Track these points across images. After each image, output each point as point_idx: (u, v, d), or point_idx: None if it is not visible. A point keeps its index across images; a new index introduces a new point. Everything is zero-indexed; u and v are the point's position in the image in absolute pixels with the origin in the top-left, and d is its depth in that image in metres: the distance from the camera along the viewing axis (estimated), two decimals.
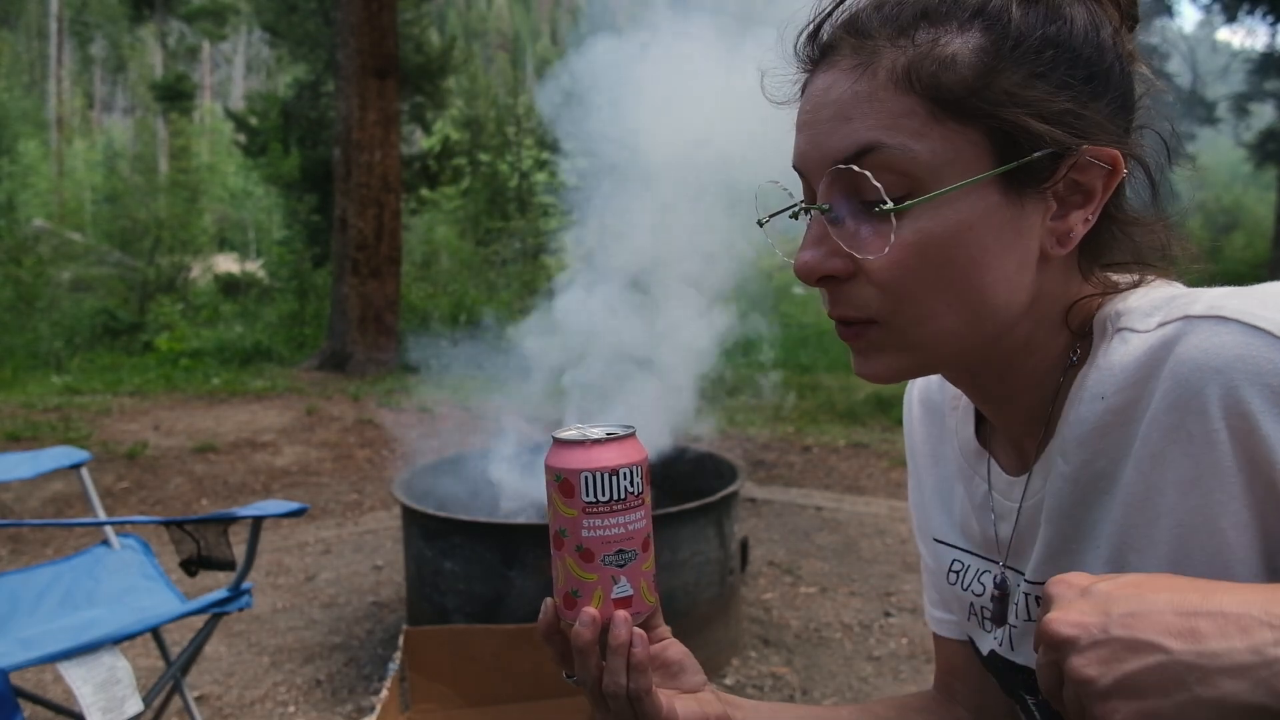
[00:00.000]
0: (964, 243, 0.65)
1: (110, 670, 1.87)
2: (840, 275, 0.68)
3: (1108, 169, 0.66)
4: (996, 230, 0.65)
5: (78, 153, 34.54)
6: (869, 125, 0.65)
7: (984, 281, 0.66)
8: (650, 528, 0.74)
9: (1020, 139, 0.64)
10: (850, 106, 0.66)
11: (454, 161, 18.53)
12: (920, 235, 0.65)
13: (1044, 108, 0.64)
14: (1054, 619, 0.53)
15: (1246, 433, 0.59)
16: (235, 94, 47.35)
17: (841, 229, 0.67)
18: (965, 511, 0.86)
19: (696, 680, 0.79)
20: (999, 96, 0.64)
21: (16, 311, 11.40)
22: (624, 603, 0.72)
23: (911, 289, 0.66)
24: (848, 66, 0.67)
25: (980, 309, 0.67)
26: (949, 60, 0.64)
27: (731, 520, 3.03)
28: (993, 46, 0.64)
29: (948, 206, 0.65)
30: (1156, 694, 0.48)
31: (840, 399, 7.80)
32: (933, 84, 0.64)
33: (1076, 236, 0.68)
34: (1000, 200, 0.65)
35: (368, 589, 3.81)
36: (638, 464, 0.72)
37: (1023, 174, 0.65)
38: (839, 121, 0.66)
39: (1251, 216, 23.01)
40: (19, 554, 4.26)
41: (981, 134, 0.64)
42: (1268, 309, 0.60)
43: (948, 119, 0.64)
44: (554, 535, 0.73)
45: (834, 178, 0.67)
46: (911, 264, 0.65)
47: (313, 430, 6.62)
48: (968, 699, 0.95)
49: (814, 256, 0.68)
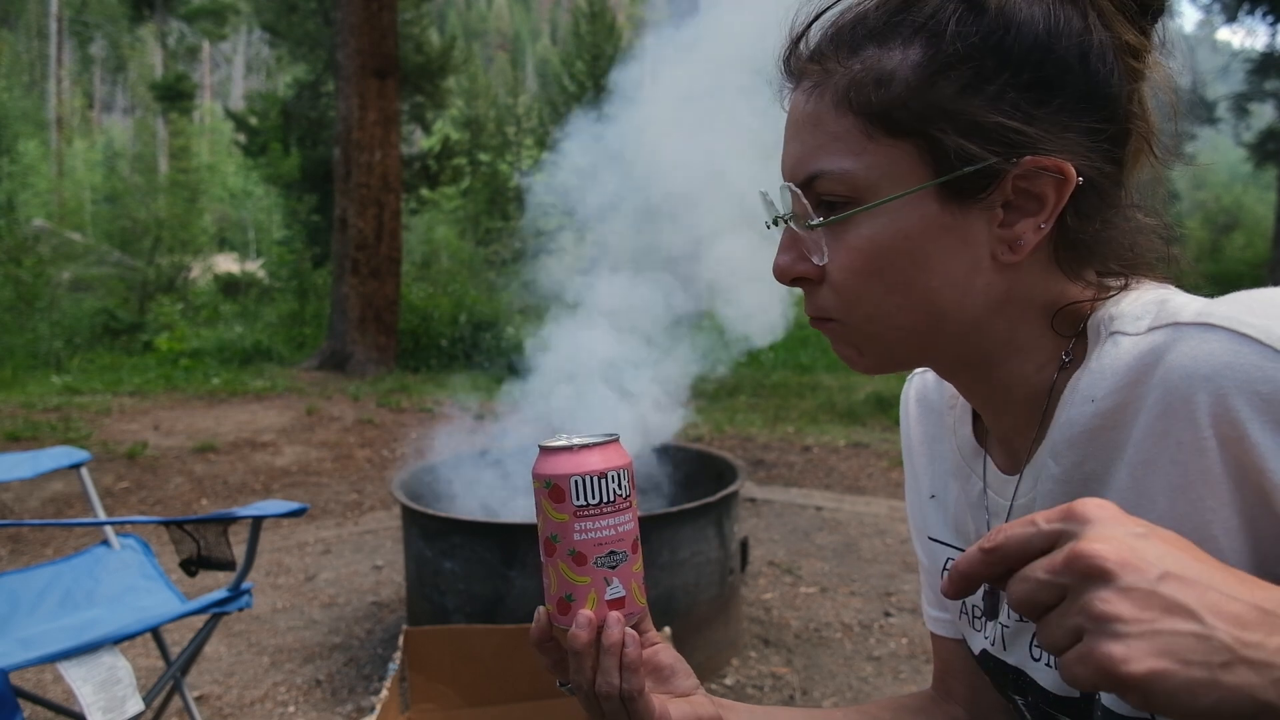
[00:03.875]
0: (902, 250, 0.69)
1: (110, 670, 1.87)
2: (811, 278, 0.74)
3: (1059, 177, 0.66)
4: (935, 237, 0.69)
5: (78, 153, 34.55)
6: (813, 149, 0.71)
7: (929, 285, 0.70)
8: (638, 531, 0.76)
9: (951, 153, 0.66)
10: (803, 129, 0.72)
11: (454, 161, 18.55)
12: (862, 242, 0.70)
13: (979, 119, 0.66)
14: (1097, 547, 0.49)
15: (1235, 440, 0.59)
16: (235, 94, 47.38)
17: (804, 237, 0.73)
18: (960, 509, 0.86)
19: (688, 684, 0.80)
20: (929, 112, 0.66)
21: (16, 311, 11.40)
22: (617, 604, 0.74)
23: (858, 291, 0.72)
24: (808, 88, 0.72)
25: (930, 310, 0.71)
26: (886, 77, 0.67)
27: (731, 520, 3.03)
28: (928, 61, 0.66)
29: (885, 217, 0.69)
30: (1179, 661, 0.47)
31: (840, 399, 7.81)
32: (866, 103, 0.67)
33: (1028, 243, 0.68)
34: (938, 210, 0.68)
35: (368, 589, 3.81)
36: (623, 468, 0.75)
37: (960, 185, 0.67)
38: (796, 143, 0.73)
39: (1251, 216, 23.02)
40: (19, 554, 4.26)
41: (915, 148, 0.67)
42: (1256, 316, 0.60)
43: (881, 136, 0.68)
44: (545, 542, 0.75)
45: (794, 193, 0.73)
46: (856, 268, 0.71)
47: (313, 430, 6.62)
48: (964, 697, 0.96)
49: (785, 260, 0.75)
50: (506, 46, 66.62)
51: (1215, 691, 0.47)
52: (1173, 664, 0.47)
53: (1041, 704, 0.78)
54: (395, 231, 9.50)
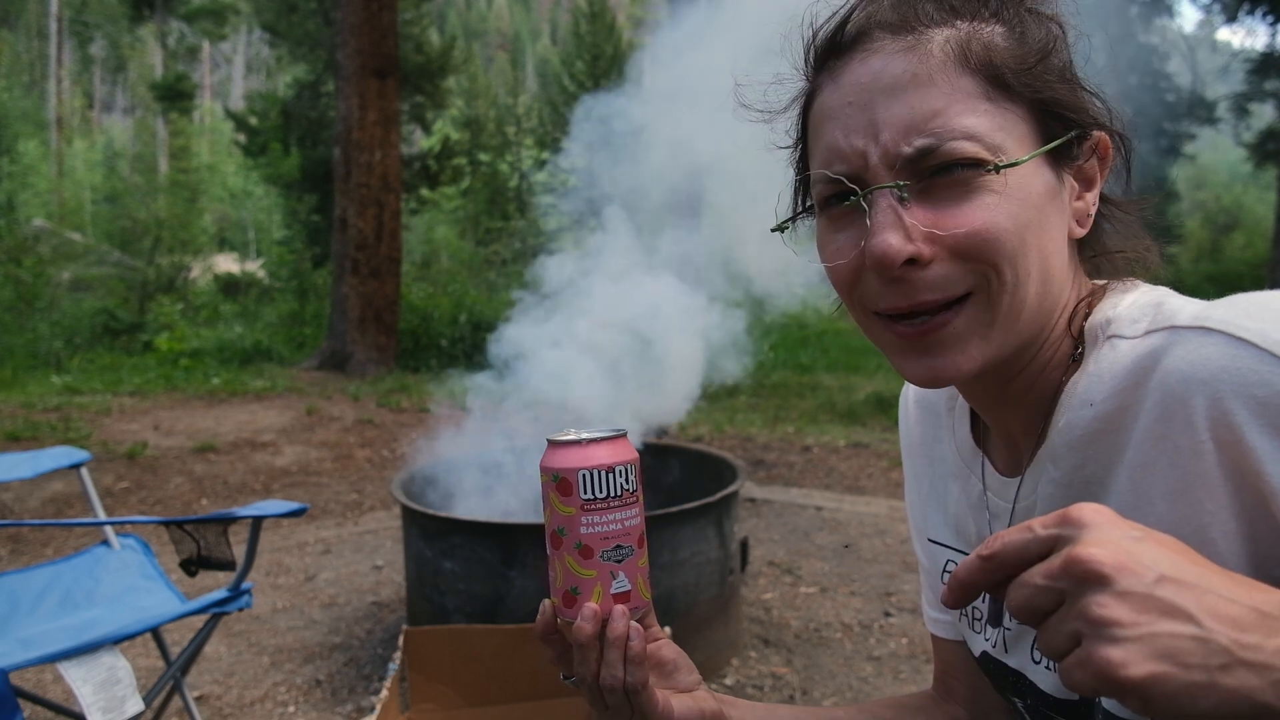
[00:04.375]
0: (1039, 208, 0.68)
1: (110, 670, 1.87)
2: (923, 258, 0.67)
3: (1100, 156, 0.72)
4: (1051, 200, 0.69)
5: (78, 153, 34.54)
6: (938, 105, 0.66)
7: (1052, 249, 0.69)
8: (644, 525, 0.76)
9: (1056, 118, 0.69)
10: (913, 88, 0.67)
11: (454, 161, 18.54)
12: (1005, 204, 0.66)
13: (1063, 93, 0.69)
14: (1094, 551, 0.49)
15: (1232, 444, 0.60)
16: (235, 94, 47.36)
17: (914, 209, 0.67)
18: (960, 511, 0.86)
19: (691, 679, 0.80)
20: (1034, 80, 0.68)
21: (16, 311, 11.40)
22: (623, 597, 0.74)
23: (1004, 253, 0.66)
24: (895, 50, 0.68)
25: (1048, 277, 0.69)
26: (992, 44, 0.68)
27: (731, 520, 3.03)
28: (1017, 38, 0.69)
29: (1020, 178, 0.67)
30: (1176, 664, 0.47)
31: (840, 399, 7.80)
32: (985, 63, 0.67)
33: (1091, 219, 0.72)
34: (1051, 175, 0.69)
35: (368, 589, 3.81)
36: (631, 462, 0.74)
37: (1061, 152, 0.70)
38: (903, 104, 0.67)
39: (1251, 216, 23.00)
40: (19, 554, 4.26)
41: (1027, 113, 0.68)
42: (1252, 320, 0.60)
43: (1000, 97, 0.67)
44: (551, 535, 0.75)
45: (909, 158, 0.66)
46: (1002, 229, 0.66)
47: (313, 430, 6.62)
48: (965, 698, 0.96)
49: (898, 239, 0.66)
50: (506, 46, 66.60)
51: (1214, 694, 0.46)
52: (1171, 667, 0.47)
53: (1041, 706, 0.78)
54: (395, 231, 9.50)
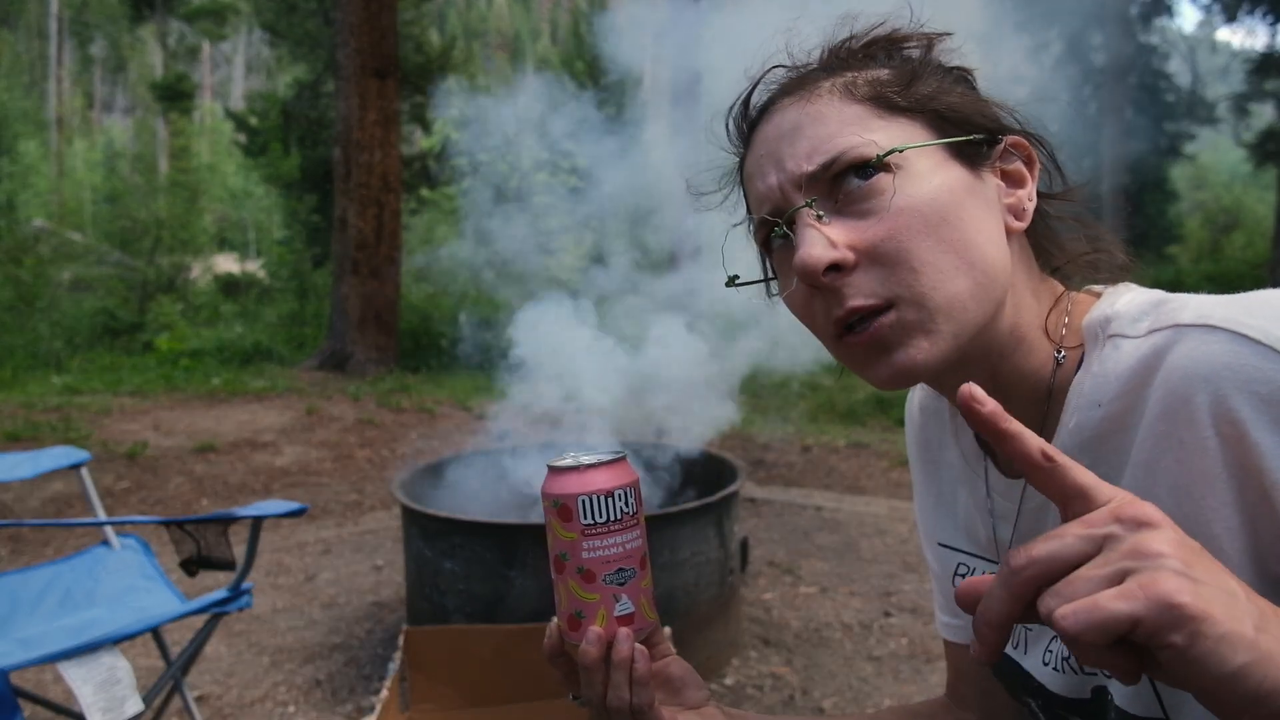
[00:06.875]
0: (949, 202, 0.69)
1: (110, 670, 1.87)
2: (846, 264, 0.69)
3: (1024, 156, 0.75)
4: (970, 193, 0.71)
5: (78, 153, 34.53)
6: (831, 130, 0.71)
7: (977, 239, 0.70)
8: (646, 547, 0.76)
9: (956, 124, 0.72)
10: (808, 124, 0.72)
11: (454, 161, 18.52)
12: (910, 200, 0.69)
13: (960, 104, 0.74)
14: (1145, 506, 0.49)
15: (1236, 440, 0.60)
16: (235, 94, 47.35)
17: (833, 223, 0.70)
18: (969, 515, 0.86)
19: (699, 696, 0.81)
20: (924, 98, 0.72)
21: (16, 311, 11.40)
22: (626, 620, 0.74)
23: (918, 252, 0.68)
24: (791, 105, 0.74)
25: (981, 265, 0.69)
26: (875, 79, 0.74)
27: (731, 520, 3.03)
28: (905, 68, 0.75)
29: (924, 177, 0.69)
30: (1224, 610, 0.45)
31: (840, 399, 7.80)
32: (872, 91, 0.72)
33: (1029, 213, 0.74)
34: (963, 171, 0.71)
35: (368, 589, 3.81)
36: (630, 485, 0.75)
37: (969, 150, 0.72)
38: (802, 138, 0.72)
39: (1251, 216, 22.98)
40: (19, 554, 4.26)
41: (926, 122, 0.72)
42: (1255, 317, 0.61)
43: (892, 115, 0.71)
44: (554, 560, 0.75)
45: (811, 181, 0.71)
46: (912, 227, 0.68)
47: (313, 430, 6.62)
48: (976, 704, 0.96)
49: (819, 248, 0.68)
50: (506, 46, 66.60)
51: (1251, 651, 0.45)
52: (1220, 611, 0.45)
53: (1054, 706, 0.78)
54: (395, 231, 9.50)
